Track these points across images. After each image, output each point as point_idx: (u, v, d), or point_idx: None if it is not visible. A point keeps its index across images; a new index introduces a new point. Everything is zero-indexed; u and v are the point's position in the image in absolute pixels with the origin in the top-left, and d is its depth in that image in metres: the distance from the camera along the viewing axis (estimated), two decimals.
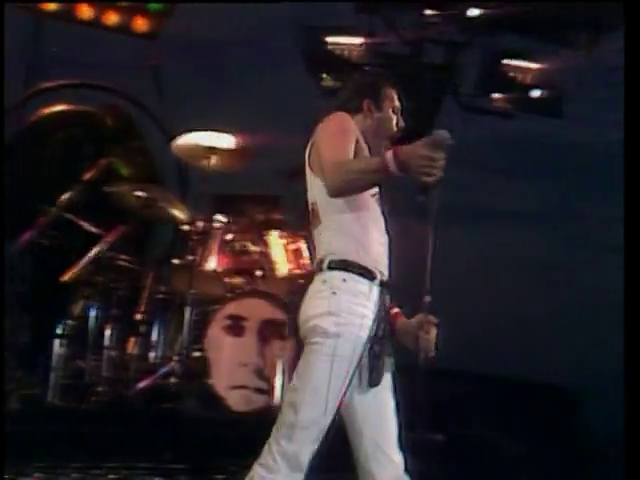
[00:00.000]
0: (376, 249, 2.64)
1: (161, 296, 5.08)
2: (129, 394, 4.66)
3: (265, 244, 5.26)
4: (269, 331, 4.97)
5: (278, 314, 5.00)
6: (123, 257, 5.05)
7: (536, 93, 6.80)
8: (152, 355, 4.91)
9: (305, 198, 2.79)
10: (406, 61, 6.87)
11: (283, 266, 5.25)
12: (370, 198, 2.65)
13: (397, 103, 2.83)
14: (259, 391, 4.86)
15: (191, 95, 6.16)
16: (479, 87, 6.94)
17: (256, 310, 5.01)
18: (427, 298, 2.61)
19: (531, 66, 6.88)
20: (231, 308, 4.98)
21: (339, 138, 2.59)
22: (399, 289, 2.77)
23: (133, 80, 5.62)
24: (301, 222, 5.59)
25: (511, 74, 6.84)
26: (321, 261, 2.62)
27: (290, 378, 4.94)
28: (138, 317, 4.94)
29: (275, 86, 7.02)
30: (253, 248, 5.23)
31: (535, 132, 7.05)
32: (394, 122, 2.81)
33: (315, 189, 2.65)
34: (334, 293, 2.55)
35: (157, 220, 5.38)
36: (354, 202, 2.59)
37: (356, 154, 2.62)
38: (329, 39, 7.00)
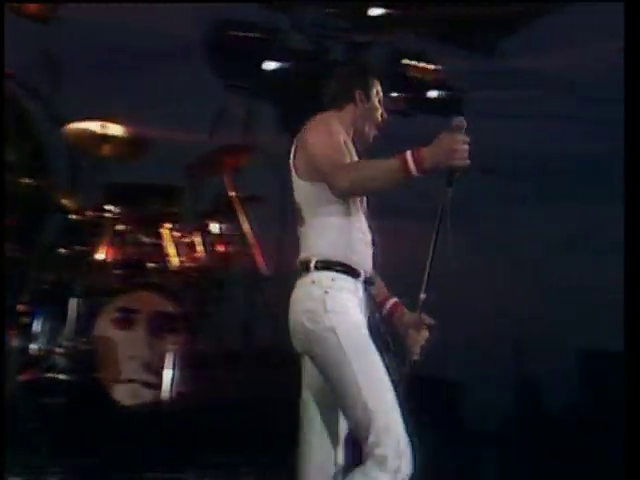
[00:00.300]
0: (360, 247, 2.66)
1: (47, 287, 4.93)
2: (8, 387, 4.49)
3: (159, 236, 5.18)
4: (160, 324, 4.91)
5: (170, 307, 4.95)
6: (8, 246, 4.87)
7: (435, 93, 6.90)
8: (34, 347, 4.75)
9: (203, 192, 2.76)
10: (309, 58, 6.88)
11: (176, 259, 5.18)
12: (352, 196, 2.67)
13: (381, 93, 2.84)
14: (148, 385, 4.79)
15: (87, 81, 6.00)
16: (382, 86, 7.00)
17: (147, 303, 4.94)
18: (422, 295, 2.60)
19: (431, 67, 6.98)
20: (121, 301, 4.90)
21: (333, 139, 2.60)
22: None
23: (25, 64, 5.43)
24: (198, 216, 5.53)
25: (411, 74, 6.92)
26: (307, 261, 2.62)
27: (181, 371, 4.85)
28: (21, 308, 4.78)
29: (178, 78, 6.91)
30: (146, 240, 5.14)
31: (435, 132, 7.15)
32: (380, 112, 2.82)
33: (299, 191, 2.67)
34: (326, 292, 2.56)
35: (45, 208, 5.22)
36: (337, 202, 2.61)
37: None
38: (233, 33, 6.95)
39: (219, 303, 5.30)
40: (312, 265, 2.60)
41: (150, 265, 5.10)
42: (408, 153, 2.45)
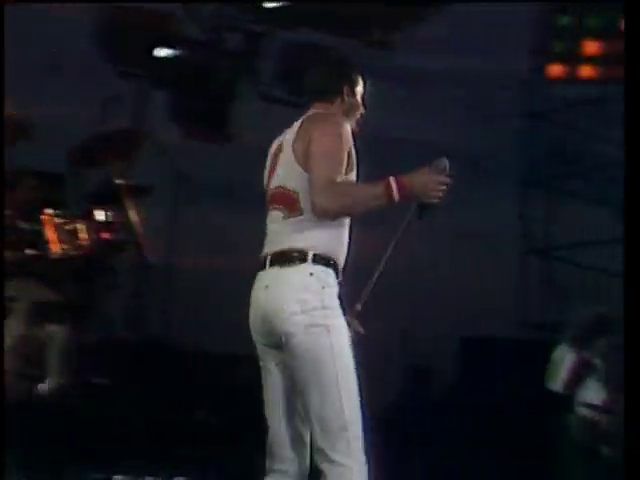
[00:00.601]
0: (345, 246, 2.67)
1: None
2: None
3: (39, 222, 5.00)
4: (40, 313, 4.75)
5: (50, 295, 4.79)
6: None
7: None
8: None
9: (90, 179, 2.63)
10: (204, 47, 6.82)
11: (58, 247, 5.02)
12: None
13: (362, 89, 2.84)
14: (26, 376, 4.63)
15: None
16: (277, 78, 7.00)
17: (26, 291, 4.76)
18: (358, 306, 2.67)
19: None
20: None
21: (337, 150, 2.58)
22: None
23: None
24: (82, 203, 5.39)
25: (304, 66, 6.94)
26: (304, 252, 2.58)
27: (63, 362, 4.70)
28: None
29: (68, 62, 6.73)
30: (25, 226, 4.96)
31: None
32: (361, 109, 2.82)
33: (298, 179, 2.63)
34: (324, 287, 2.55)
35: None
36: None
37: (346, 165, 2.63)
38: (127, 19, 6.83)
39: (104, 292, 5.18)
40: (310, 257, 2.57)
41: (29, 252, 4.92)
42: (392, 181, 2.52)
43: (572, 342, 4.82)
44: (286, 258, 2.58)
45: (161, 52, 6.64)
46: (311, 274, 2.55)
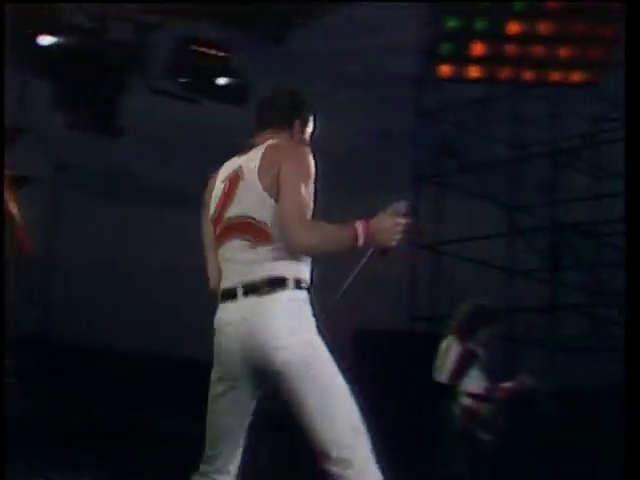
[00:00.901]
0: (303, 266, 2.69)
1: None
2: None
3: None
4: None
5: None
6: None
7: (222, 81, 6.88)
8: None
9: None
10: (90, 36, 6.63)
11: None
12: None
13: (312, 129, 2.85)
14: None
15: None
16: (167, 70, 6.88)
17: None
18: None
19: (219, 54, 6.95)
20: None
21: (308, 184, 2.61)
22: None
23: None
24: None
25: (199, 60, 6.86)
26: (282, 279, 2.61)
27: None
28: None
29: None
30: None
31: (222, 119, 7.15)
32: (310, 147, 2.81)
33: (269, 210, 2.63)
34: (303, 308, 2.62)
35: None
36: None
37: None
38: (10, 5, 6.55)
39: None
40: (291, 284, 2.60)
41: None
42: (359, 226, 2.57)
43: (456, 334, 4.94)
44: (266, 287, 2.60)
45: (45, 40, 6.42)
46: (294, 300, 2.61)
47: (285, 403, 2.58)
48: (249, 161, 2.69)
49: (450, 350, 4.86)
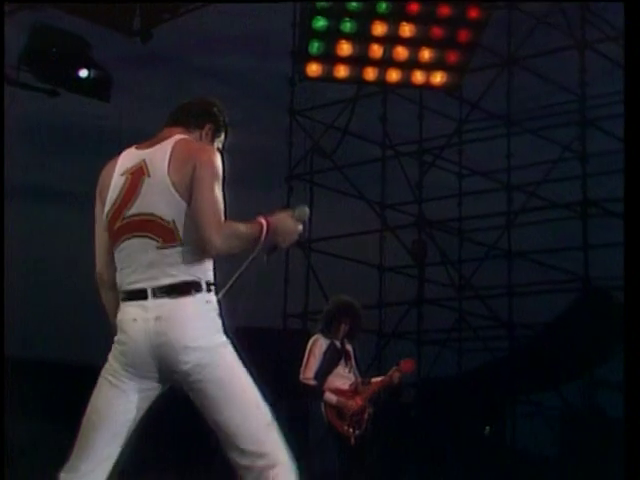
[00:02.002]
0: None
1: None
2: None
3: None
4: None
5: None
6: None
7: (84, 73, 6.69)
8: None
9: None
10: None
11: None
12: None
13: (222, 142, 2.83)
14: None
15: None
16: (24, 61, 6.62)
17: None
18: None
19: (80, 46, 6.75)
20: None
21: (218, 184, 2.60)
22: None
23: None
24: None
25: (57, 51, 6.64)
26: (195, 282, 2.60)
27: None
28: None
29: None
30: None
31: (83, 113, 6.97)
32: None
33: (176, 209, 2.58)
34: (215, 311, 2.63)
35: None
36: None
37: None
38: None
39: None
40: (204, 286, 2.61)
41: None
42: (264, 224, 2.60)
43: (321, 330, 5.02)
44: (179, 289, 2.58)
45: None
46: (207, 302, 2.61)
47: (196, 401, 2.60)
48: (155, 155, 2.63)
49: (315, 347, 4.94)
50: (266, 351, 7.97)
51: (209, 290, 2.62)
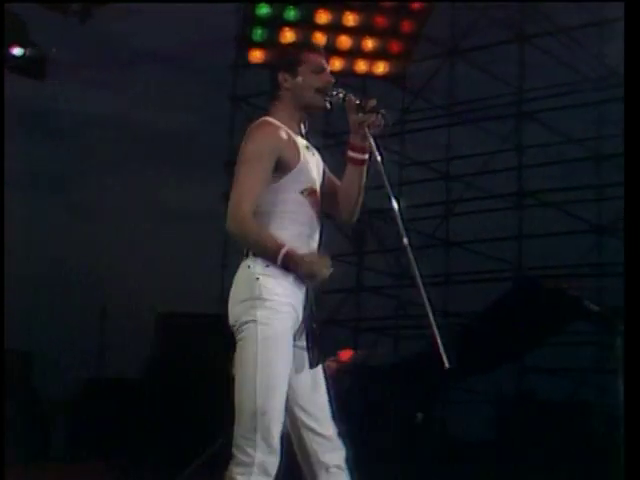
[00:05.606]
0: (294, 242, 2.73)
1: None
2: None
3: None
4: None
5: None
6: None
7: (18, 51, 6.51)
8: None
9: None
10: None
11: None
12: (298, 196, 2.80)
13: (320, 61, 2.86)
14: None
15: None
16: None
17: None
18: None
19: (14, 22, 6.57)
20: None
21: (254, 165, 2.71)
22: None
23: None
24: None
25: None
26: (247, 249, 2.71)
27: None
28: None
29: None
30: None
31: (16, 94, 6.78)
32: (316, 81, 2.85)
33: None
34: (257, 278, 2.66)
35: None
36: (286, 200, 2.76)
37: (281, 168, 2.76)
38: None
39: None
40: (250, 251, 2.70)
41: None
42: (283, 252, 2.67)
43: None
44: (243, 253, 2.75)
45: None
46: (248, 266, 2.70)
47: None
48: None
49: None
50: (199, 336, 8.01)
51: (255, 254, 2.68)
